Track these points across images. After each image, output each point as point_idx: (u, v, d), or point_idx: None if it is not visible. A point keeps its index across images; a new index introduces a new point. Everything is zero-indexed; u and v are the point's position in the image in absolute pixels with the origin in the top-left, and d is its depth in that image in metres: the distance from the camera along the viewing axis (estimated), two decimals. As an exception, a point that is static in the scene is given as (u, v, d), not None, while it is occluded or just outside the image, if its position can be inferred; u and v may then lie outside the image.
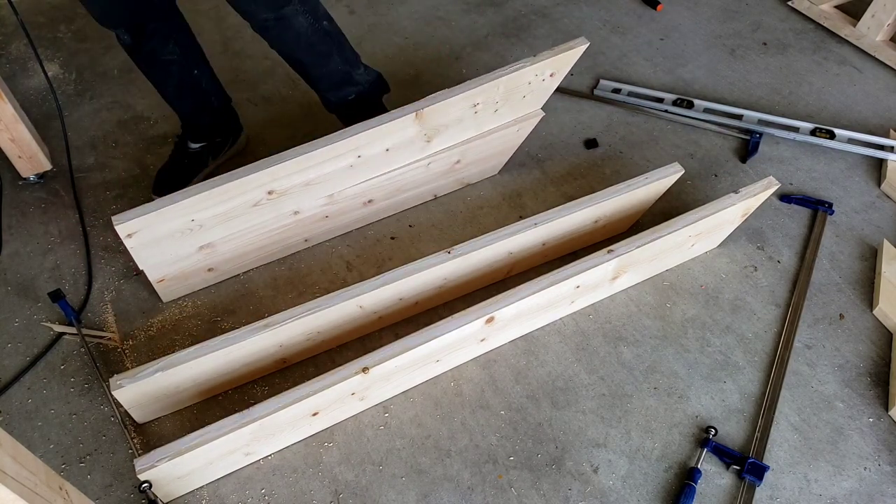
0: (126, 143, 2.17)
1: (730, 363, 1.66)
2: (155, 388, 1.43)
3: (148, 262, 1.61)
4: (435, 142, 1.76)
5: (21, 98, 2.21)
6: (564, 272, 1.53)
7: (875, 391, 1.61)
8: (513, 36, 2.57)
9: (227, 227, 1.64)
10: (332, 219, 1.83)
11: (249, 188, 1.57)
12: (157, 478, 1.29)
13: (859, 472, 1.49)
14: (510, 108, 1.81)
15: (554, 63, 1.74)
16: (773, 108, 2.31)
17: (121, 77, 2.39)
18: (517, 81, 1.73)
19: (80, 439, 1.52)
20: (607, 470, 1.48)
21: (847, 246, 1.90)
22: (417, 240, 1.92)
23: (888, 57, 2.45)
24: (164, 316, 1.74)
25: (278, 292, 1.80)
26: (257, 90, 2.34)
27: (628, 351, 1.68)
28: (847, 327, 1.73)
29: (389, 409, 1.57)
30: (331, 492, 1.44)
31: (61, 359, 1.65)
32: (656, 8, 2.71)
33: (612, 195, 1.70)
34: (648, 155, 2.15)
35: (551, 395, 1.59)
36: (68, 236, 1.91)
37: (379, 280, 1.53)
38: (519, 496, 1.44)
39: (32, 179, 2.02)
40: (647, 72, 2.44)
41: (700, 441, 1.52)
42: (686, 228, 1.62)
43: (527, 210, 1.99)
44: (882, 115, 2.28)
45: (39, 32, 2.56)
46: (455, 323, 1.44)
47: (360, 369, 1.37)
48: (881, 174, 2.08)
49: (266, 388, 1.61)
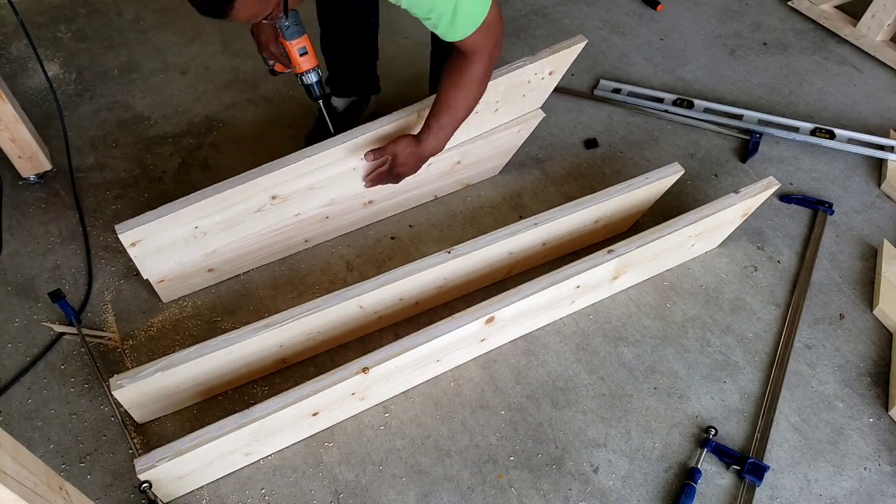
0: (126, 143, 2.17)
1: (730, 363, 1.66)
2: (155, 388, 1.43)
3: (151, 270, 1.62)
4: None
5: (21, 98, 2.21)
6: (564, 272, 1.53)
7: (875, 391, 1.61)
8: (513, 36, 2.57)
9: (230, 233, 1.64)
10: (333, 220, 1.83)
11: (253, 193, 1.57)
12: (157, 478, 1.29)
13: (859, 472, 1.49)
14: (510, 107, 1.81)
15: (553, 61, 1.74)
16: (773, 108, 2.31)
17: (121, 77, 2.39)
18: (517, 80, 1.73)
19: (80, 439, 1.52)
20: (607, 470, 1.48)
21: (847, 246, 1.90)
22: (417, 240, 1.92)
23: (888, 57, 2.45)
24: (164, 316, 1.74)
25: (278, 292, 1.80)
26: (257, 90, 2.34)
27: (628, 351, 1.68)
28: (847, 327, 1.73)
29: (389, 409, 1.57)
30: (331, 492, 1.44)
31: (61, 359, 1.65)
32: (656, 8, 2.71)
33: (612, 195, 1.70)
34: (648, 155, 2.15)
35: (551, 395, 1.59)
36: (68, 236, 1.91)
37: (379, 280, 1.53)
38: (519, 496, 1.44)
39: (32, 179, 2.02)
40: (647, 72, 2.44)
41: (700, 441, 1.52)
42: (686, 228, 1.62)
43: (527, 210, 1.99)
44: (882, 115, 2.28)
45: (39, 32, 2.56)
46: (455, 323, 1.44)
47: (360, 369, 1.37)
48: (881, 174, 2.08)
49: (266, 388, 1.61)
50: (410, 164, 1.62)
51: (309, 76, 1.61)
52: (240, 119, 2.24)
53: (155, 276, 1.65)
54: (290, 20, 1.49)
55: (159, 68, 2.43)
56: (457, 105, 1.50)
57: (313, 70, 1.60)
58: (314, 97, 1.65)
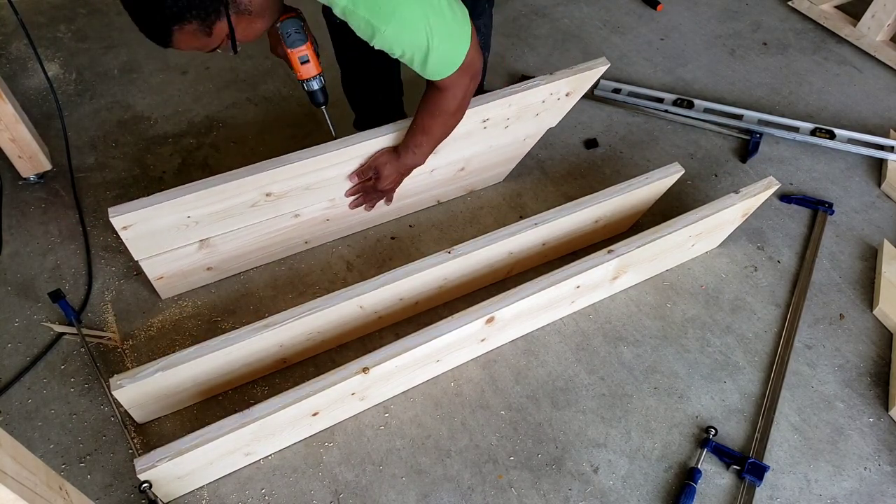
0: (126, 143, 2.17)
1: (730, 363, 1.66)
2: (155, 388, 1.43)
3: (144, 254, 1.59)
4: (441, 153, 1.74)
5: (21, 98, 2.21)
6: (564, 272, 1.53)
7: (875, 391, 1.61)
8: (513, 36, 2.56)
9: (224, 224, 1.63)
10: (333, 222, 1.83)
11: (247, 189, 1.56)
12: (157, 478, 1.29)
13: (859, 472, 1.49)
14: (522, 124, 1.80)
15: (571, 82, 1.72)
16: (773, 108, 2.31)
17: (121, 77, 2.39)
18: (530, 99, 1.71)
19: (80, 439, 1.52)
20: (607, 470, 1.48)
21: (847, 246, 1.90)
22: (418, 240, 1.92)
23: (888, 57, 2.45)
24: (164, 316, 1.74)
25: (278, 292, 1.80)
26: (257, 90, 2.34)
27: (628, 351, 1.68)
28: (847, 327, 1.73)
29: (389, 409, 1.57)
30: (331, 492, 1.44)
31: (61, 359, 1.65)
32: (656, 8, 2.71)
33: (612, 195, 1.69)
34: (648, 155, 2.15)
35: (551, 395, 1.59)
36: (68, 236, 1.91)
37: (379, 280, 1.53)
38: (519, 496, 1.44)
39: (32, 179, 2.02)
40: (647, 72, 2.44)
41: (700, 441, 1.52)
42: (686, 228, 1.62)
43: (527, 210, 1.99)
44: (882, 115, 2.28)
45: (39, 32, 2.56)
46: (455, 323, 1.44)
47: (360, 369, 1.37)
48: (881, 174, 2.08)
49: (266, 388, 1.61)
50: (393, 177, 1.66)
51: (310, 84, 1.57)
52: (240, 119, 2.24)
53: (150, 265, 1.63)
54: (291, 27, 1.45)
55: (159, 68, 2.43)
56: (432, 131, 1.54)
57: (315, 78, 1.56)
58: (316, 104, 1.63)
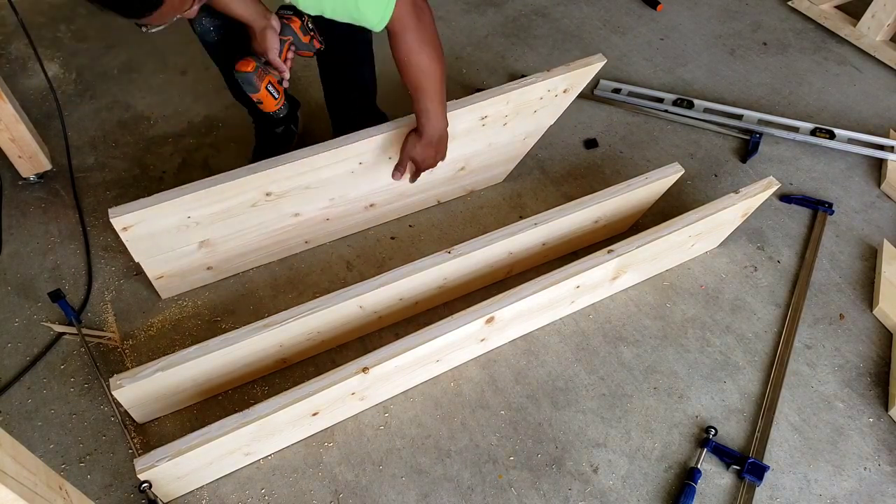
0: (126, 143, 2.17)
1: (730, 363, 1.66)
2: (155, 388, 1.43)
3: (144, 254, 1.60)
4: None
5: (21, 98, 2.21)
6: (564, 272, 1.53)
7: (875, 391, 1.61)
8: (513, 36, 2.56)
9: (225, 225, 1.63)
10: (333, 221, 1.83)
11: (247, 189, 1.56)
12: (157, 478, 1.29)
13: (859, 472, 1.49)
14: (521, 121, 1.80)
15: (568, 79, 1.72)
16: (773, 108, 2.31)
17: (121, 77, 2.39)
18: (528, 96, 1.71)
19: (80, 439, 1.52)
20: (607, 470, 1.48)
21: (847, 246, 1.90)
22: (417, 240, 1.92)
23: (888, 57, 2.46)
24: (163, 316, 1.74)
25: (278, 292, 1.80)
26: (257, 90, 2.34)
27: (628, 351, 1.68)
28: (847, 327, 1.73)
29: (389, 409, 1.57)
30: (331, 492, 1.44)
31: (61, 359, 1.65)
32: (656, 8, 2.71)
33: (612, 195, 1.69)
34: (648, 155, 2.15)
35: (551, 395, 1.59)
36: (68, 236, 1.91)
37: (379, 280, 1.53)
38: (519, 496, 1.44)
39: (32, 179, 2.02)
40: (647, 72, 2.44)
41: (700, 441, 1.52)
42: (686, 228, 1.62)
43: (527, 210, 1.99)
44: (882, 115, 2.28)
45: (39, 32, 2.56)
46: (455, 323, 1.44)
47: (360, 369, 1.37)
48: (881, 174, 2.08)
49: (266, 388, 1.61)
50: (430, 154, 1.61)
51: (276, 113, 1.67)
52: (240, 119, 2.24)
53: (149, 265, 1.63)
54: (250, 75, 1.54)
55: (159, 68, 2.43)
56: (423, 85, 1.48)
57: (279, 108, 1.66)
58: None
